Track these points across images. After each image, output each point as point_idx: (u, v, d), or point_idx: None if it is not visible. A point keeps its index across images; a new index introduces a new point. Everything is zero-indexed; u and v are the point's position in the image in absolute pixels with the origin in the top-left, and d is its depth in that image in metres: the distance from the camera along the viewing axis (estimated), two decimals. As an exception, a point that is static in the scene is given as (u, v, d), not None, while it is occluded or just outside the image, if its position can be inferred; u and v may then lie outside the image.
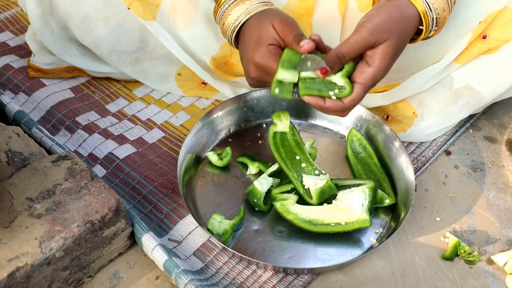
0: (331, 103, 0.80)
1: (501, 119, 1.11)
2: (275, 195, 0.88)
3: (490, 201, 0.96)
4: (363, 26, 0.78)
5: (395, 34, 0.79)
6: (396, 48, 0.79)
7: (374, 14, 0.80)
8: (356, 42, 0.78)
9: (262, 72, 0.84)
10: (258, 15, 0.85)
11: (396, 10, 0.80)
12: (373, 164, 0.97)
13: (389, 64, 0.80)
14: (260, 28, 0.84)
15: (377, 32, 0.78)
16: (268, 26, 0.83)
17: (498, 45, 0.94)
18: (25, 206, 0.77)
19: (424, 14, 0.81)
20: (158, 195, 0.93)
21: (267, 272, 0.85)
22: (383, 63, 0.79)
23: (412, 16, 0.81)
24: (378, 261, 0.87)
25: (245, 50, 0.85)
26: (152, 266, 0.85)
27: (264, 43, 0.82)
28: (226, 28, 0.88)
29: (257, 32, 0.83)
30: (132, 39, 1.01)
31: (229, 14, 0.87)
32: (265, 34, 0.83)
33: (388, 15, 0.79)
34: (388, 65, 0.80)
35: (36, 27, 1.03)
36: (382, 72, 0.80)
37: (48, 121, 1.04)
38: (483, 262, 0.88)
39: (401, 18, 0.80)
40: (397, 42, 0.79)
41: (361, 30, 0.78)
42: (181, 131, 1.06)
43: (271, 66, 0.81)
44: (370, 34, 0.78)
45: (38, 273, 0.74)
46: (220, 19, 0.89)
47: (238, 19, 0.86)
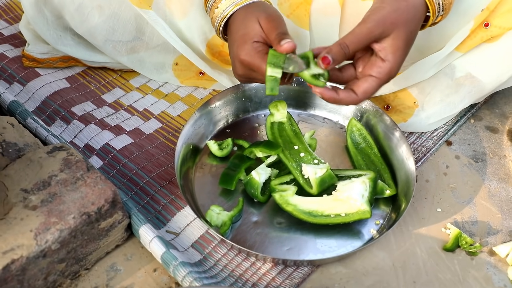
0: (344, 95, 0.79)
1: (502, 108, 1.10)
2: (274, 186, 0.87)
3: (492, 192, 0.96)
4: (368, 18, 0.77)
5: (402, 25, 0.77)
6: (406, 39, 0.78)
7: (379, 7, 0.78)
8: (360, 33, 0.76)
9: (248, 69, 0.82)
10: (245, 9, 0.83)
11: (401, 1, 0.78)
12: (373, 154, 0.95)
13: (403, 57, 0.79)
14: (246, 24, 0.82)
15: (382, 23, 0.76)
16: (254, 23, 0.81)
17: (501, 33, 0.93)
18: (20, 198, 0.76)
19: (430, 0, 0.80)
20: (156, 187, 0.92)
21: (266, 264, 0.84)
22: (396, 56, 0.77)
23: (417, 4, 0.79)
24: (379, 252, 0.86)
25: (232, 46, 0.84)
26: (150, 258, 0.84)
27: (249, 40, 0.81)
28: (214, 20, 0.87)
29: (243, 28, 0.82)
30: (128, 28, 1.00)
31: (217, 6, 0.85)
32: (251, 31, 0.81)
33: (394, 6, 0.77)
34: (402, 58, 0.79)
35: (30, 15, 1.01)
36: (398, 66, 0.78)
37: (43, 112, 1.03)
38: (484, 253, 0.87)
39: (407, 8, 0.78)
40: (406, 33, 0.77)
41: (366, 21, 0.77)
42: (178, 121, 1.05)
43: (257, 64, 0.80)
44: (375, 26, 0.76)
45: (34, 265, 0.73)
46: (210, 10, 0.87)
47: (225, 12, 0.84)
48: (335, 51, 0.76)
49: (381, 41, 0.77)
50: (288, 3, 0.97)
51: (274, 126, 0.93)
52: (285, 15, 0.97)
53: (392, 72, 0.78)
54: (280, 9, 0.98)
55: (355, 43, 0.76)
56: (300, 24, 0.98)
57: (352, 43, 0.76)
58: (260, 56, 0.80)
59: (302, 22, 0.97)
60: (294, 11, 0.97)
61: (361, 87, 0.79)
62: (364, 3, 0.93)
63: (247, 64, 0.81)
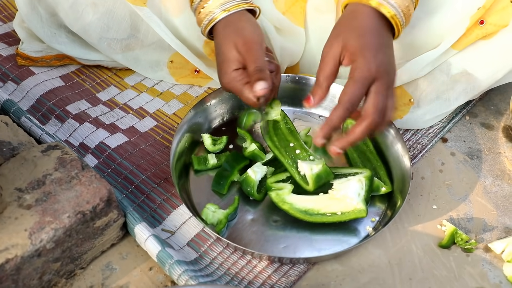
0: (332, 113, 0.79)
1: (497, 105, 1.10)
2: (270, 184, 0.86)
3: (487, 188, 0.96)
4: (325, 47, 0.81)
5: (345, 31, 0.80)
6: (358, 34, 0.79)
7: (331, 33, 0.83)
8: (323, 66, 0.80)
9: (230, 91, 0.87)
10: (229, 23, 0.84)
11: (342, 15, 0.82)
12: (369, 151, 0.95)
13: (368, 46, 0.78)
14: (223, 49, 0.84)
15: (331, 40, 0.80)
16: (231, 49, 0.84)
17: (495, 30, 0.93)
18: (14, 197, 0.76)
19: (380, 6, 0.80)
20: (151, 185, 0.92)
21: (262, 262, 0.84)
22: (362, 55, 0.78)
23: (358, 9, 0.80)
24: (375, 250, 0.86)
25: (217, 65, 0.86)
26: (145, 257, 0.83)
27: (229, 69, 0.84)
28: (200, 21, 0.87)
29: (221, 54, 0.85)
30: (123, 26, 0.99)
31: (202, 7, 0.86)
32: (228, 59, 0.84)
33: (336, 23, 0.82)
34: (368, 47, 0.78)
35: (24, 13, 1.01)
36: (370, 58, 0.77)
37: (37, 110, 1.02)
38: (480, 250, 0.87)
39: (344, 16, 0.81)
40: (354, 34, 0.79)
41: (324, 51, 0.81)
42: (173, 119, 1.04)
43: (237, 90, 0.84)
44: (333, 53, 0.79)
45: (29, 265, 0.72)
46: (196, 8, 0.87)
47: (213, 15, 0.85)
48: (314, 89, 0.80)
49: (343, 57, 0.79)
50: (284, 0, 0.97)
51: (269, 124, 0.93)
52: (281, 12, 0.97)
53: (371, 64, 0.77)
54: (276, 6, 0.97)
55: (322, 70, 0.79)
56: (295, 21, 0.97)
57: (320, 71, 0.79)
58: (240, 85, 0.84)
59: (298, 20, 0.97)
60: (289, 8, 0.97)
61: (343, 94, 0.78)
62: (359, 2, 0.93)
63: (229, 90, 0.86)
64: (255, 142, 0.95)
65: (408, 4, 0.80)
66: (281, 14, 0.97)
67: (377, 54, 0.78)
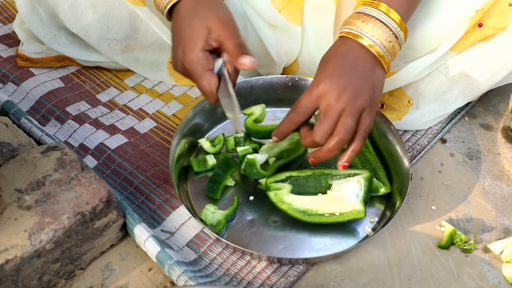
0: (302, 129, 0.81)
1: (496, 106, 1.10)
2: (269, 184, 0.87)
3: (486, 189, 0.96)
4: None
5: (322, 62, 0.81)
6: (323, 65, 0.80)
7: None
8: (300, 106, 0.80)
9: (187, 74, 0.81)
10: (194, 4, 0.80)
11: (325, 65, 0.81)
12: (368, 152, 0.96)
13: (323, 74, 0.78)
14: (192, 26, 0.79)
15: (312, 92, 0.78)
16: (201, 27, 0.78)
17: (494, 33, 0.93)
18: (14, 198, 0.76)
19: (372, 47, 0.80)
20: (151, 186, 0.92)
21: (261, 263, 0.84)
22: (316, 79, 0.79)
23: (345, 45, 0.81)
24: (374, 250, 0.86)
25: (176, 42, 0.81)
26: (145, 257, 0.84)
27: (195, 48, 0.78)
28: (158, 4, 0.84)
29: (189, 29, 0.79)
30: (122, 26, 0.99)
31: None
32: (196, 37, 0.78)
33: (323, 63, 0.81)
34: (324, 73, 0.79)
35: (24, 14, 1.01)
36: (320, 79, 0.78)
37: (37, 112, 1.03)
38: (479, 251, 0.87)
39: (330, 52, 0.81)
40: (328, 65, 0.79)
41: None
42: (173, 120, 1.05)
43: (198, 75, 0.79)
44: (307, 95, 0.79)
45: (28, 265, 0.72)
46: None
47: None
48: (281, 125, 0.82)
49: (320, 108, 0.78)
50: None
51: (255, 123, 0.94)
52: (277, 10, 0.97)
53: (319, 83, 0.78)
54: (273, 3, 0.97)
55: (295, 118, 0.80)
56: (291, 19, 0.97)
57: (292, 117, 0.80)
58: (202, 69, 0.78)
59: (294, 18, 0.97)
60: (286, 5, 0.97)
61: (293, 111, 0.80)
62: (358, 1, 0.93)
63: (188, 71, 0.80)
64: (252, 143, 0.95)
65: (392, 42, 0.81)
66: (277, 12, 0.97)
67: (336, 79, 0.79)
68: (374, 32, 0.79)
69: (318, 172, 0.90)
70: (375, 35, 0.79)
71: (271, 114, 1.04)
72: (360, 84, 0.78)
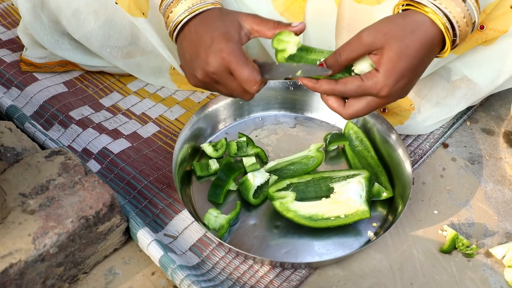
0: (323, 82, 0.77)
1: (498, 111, 1.11)
2: (272, 193, 0.86)
3: (488, 194, 0.96)
4: (363, 29, 0.77)
5: (396, 38, 0.75)
6: (401, 53, 0.75)
7: (378, 21, 0.78)
8: (352, 41, 0.76)
9: (219, 76, 0.78)
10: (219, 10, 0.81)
11: (400, 16, 0.77)
12: (370, 157, 0.96)
13: (395, 71, 0.75)
14: (226, 23, 0.78)
15: (374, 33, 0.75)
16: (234, 22, 0.79)
17: (496, 35, 0.93)
18: (18, 202, 0.76)
19: (435, 15, 0.76)
20: (154, 190, 0.92)
21: (264, 267, 0.84)
22: (387, 68, 0.75)
23: (419, 21, 0.76)
24: (376, 254, 0.87)
25: (204, 45, 0.78)
26: (148, 261, 0.84)
27: (232, 39, 0.77)
28: (169, 23, 0.83)
29: (223, 26, 0.78)
30: (123, 34, 1.00)
31: (171, 12, 0.82)
32: (233, 30, 0.78)
33: (391, 20, 0.77)
34: (394, 72, 0.75)
35: (27, 21, 1.01)
36: (387, 79, 0.75)
37: (41, 116, 1.03)
38: (481, 255, 0.87)
39: (403, 22, 0.76)
40: (400, 47, 0.75)
41: (360, 31, 0.77)
42: (176, 125, 1.05)
43: (241, 64, 0.76)
44: (366, 35, 0.75)
45: (32, 269, 0.73)
46: (165, 12, 0.84)
47: (180, 17, 0.81)
48: (330, 59, 0.77)
49: (376, 53, 0.76)
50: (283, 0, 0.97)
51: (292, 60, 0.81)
52: (279, 13, 0.97)
53: (379, 83, 0.76)
54: (274, 5, 0.98)
55: (347, 51, 0.76)
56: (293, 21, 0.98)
57: (344, 50, 0.76)
58: (245, 57, 0.76)
59: (296, 20, 0.97)
60: (288, 8, 0.97)
61: (343, 80, 0.77)
62: (360, 5, 0.94)
63: (226, 63, 0.76)
64: (255, 147, 0.95)
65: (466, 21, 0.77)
66: (280, 14, 0.98)
67: (400, 80, 0.77)
68: (447, 4, 0.75)
69: (317, 177, 0.90)
70: (449, 8, 0.75)
71: (273, 118, 1.04)
72: (415, 79, 0.78)
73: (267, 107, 1.04)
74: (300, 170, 0.94)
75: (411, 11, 0.77)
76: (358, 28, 0.79)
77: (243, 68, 0.76)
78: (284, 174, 0.93)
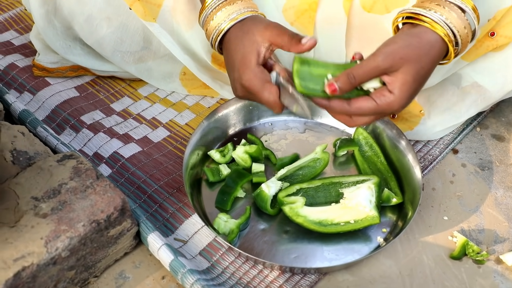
0: (336, 103, 0.78)
1: (508, 117, 1.10)
2: (282, 199, 0.87)
3: (498, 200, 0.96)
4: (379, 51, 0.76)
5: (412, 61, 0.75)
6: (416, 75, 0.76)
7: (392, 41, 0.77)
8: (368, 66, 0.76)
9: (248, 93, 0.82)
10: (241, 26, 0.82)
11: (414, 37, 0.77)
12: (380, 162, 0.96)
13: (410, 92, 0.76)
14: (244, 44, 0.80)
15: (391, 58, 0.75)
16: (252, 42, 0.80)
17: (506, 42, 0.93)
18: (30, 206, 0.77)
19: (447, 37, 0.76)
20: (164, 195, 0.93)
21: (273, 272, 0.84)
22: (402, 90, 0.76)
23: (433, 41, 0.77)
24: (386, 260, 0.87)
25: (231, 67, 0.83)
26: (158, 265, 0.84)
27: (250, 65, 0.80)
28: (209, 34, 0.85)
29: (241, 49, 0.81)
30: (136, 39, 1.01)
31: (212, 19, 0.84)
32: (250, 53, 0.80)
33: (406, 42, 0.76)
34: (409, 93, 0.76)
35: (40, 26, 1.03)
36: (402, 100, 0.76)
37: (53, 120, 1.04)
38: (491, 262, 0.87)
39: (419, 44, 0.76)
40: (416, 69, 0.76)
41: (376, 54, 0.76)
42: (186, 130, 1.06)
43: (257, 89, 0.79)
44: (383, 59, 0.75)
45: (44, 272, 0.73)
46: (204, 23, 0.86)
47: (220, 27, 0.83)
48: (342, 80, 0.76)
49: (390, 74, 0.76)
50: (293, 10, 0.98)
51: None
52: (289, 23, 0.98)
53: (394, 105, 0.76)
54: (285, 15, 0.98)
55: (362, 75, 0.76)
56: (304, 31, 0.98)
57: (359, 75, 0.76)
58: (261, 82, 0.79)
59: (307, 29, 0.98)
60: (298, 18, 0.98)
61: (357, 102, 0.78)
62: (369, 14, 0.94)
63: (248, 89, 0.81)
64: (265, 149, 0.96)
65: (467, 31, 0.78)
66: (290, 24, 0.98)
67: (410, 99, 0.78)
68: (448, 15, 0.76)
69: (327, 182, 0.90)
70: (450, 19, 0.76)
71: (283, 123, 1.05)
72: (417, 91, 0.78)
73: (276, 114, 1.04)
74: (308, 173, 0.94)
75: (423, 29, 0.77)
76: (367, 37, 0.79)
77: (260, 93, 0.79)
78: (294, 180, 0.93)
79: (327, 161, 0.95)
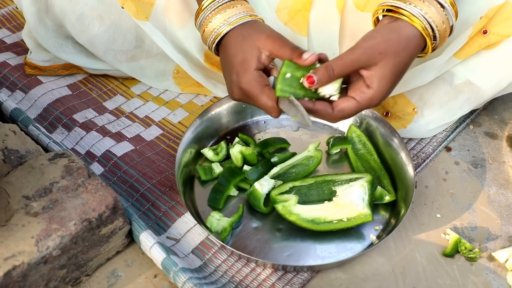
0: (320, 106, 0.79)
1: (501, 114, 1.10)
2: (274, 197, 0.86)
3: (491, 198, 0.96)
4: (358, 45, 0.77)
5: (391, 55, 0.77)
6: (394, 69, 0.77)
7: (371, 35, 0.78)
8: (347, 59, 0.77)
9: (245, 96, 0.82)
10: (241, 30, 0.82)
11: (393, 32, 0.78)
12: (373, 160, 0.96)
13: (388, 86, 0.78)
14: (244, 49, 0.81)
15: (370, 52, 0.76)
16: (252, 48, 0.80)
17: (499, 40, 0.93)
18: (21, 205, 0.77)
19: (425, 31, 0.78)
20: (156, 193, 0.93)
21: (266, 270, 0.84)
22: (381, 85, 0.77)
23: (411, 36, 0.78)
24: (378, 258, 0.87)
25: (229, 70, 0.83)
26: (150, 264, 0.84)
27: (249, 68, 0.80)
28: (206, 37, 0.85)
29: (241, 53, 0.81)
30: (128, 38, 1.00)
31: (210, 21, 0.83)
32: (250, 58, 0.80)
33: (385, 37, 0.78)
34: (388, 87, 0.78)
35: (31, 24, 1.02)
36: (381, 94, 0.78)
37: (45, 119, 1.04)
38: (484, 259, 0.87)
39: (398, 39, 0.77)
40: (394, 64, 0.77)
41: (355, 48, 0.77)
42: (179, 128, 1.05)
43: (255, 94, 0.80)
44: (362, 53, 0.76)
45: (35, 272, 0.73)
46: (200, 25, 0.85)
47: (218, 30, 0.83)
48: (320, 72, 0.77)
49: (368, 69, 0.77)
50: (287, 9, 0.98)
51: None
52: (283, 22, 0.98)
53: (374, 100, 0.78)
54: (278, 15, 0.98)
55: (341, 67, 0.77)
56: (298, 31, 0.98)
57: (338, 67, 0.76)
58: (260, 86, 0.80)
59: (300, 29, 0.98)
60: (292, 18, 0.98)
61: (339, 105, 0.79)
62: (362, 13, 0.94)
63: (246, 92, 0.81)
64: (256, 147, 0.95)
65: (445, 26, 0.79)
66: (283, 24, 0.98)
67: (389, 92, 0.80)
68: (427, 10, 0.77)
69: (320, 180, 0.90)
70: (429, 13, 0.77)
71: (276, 121, 1.05)
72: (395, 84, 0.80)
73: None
74: (302, 171, 0.94)
75: (402, 24, 0.78)
76: (361, 36, 0.79)
77: (258, 97, 0.80)
78: (287, 178, 0.93)
79: (320, 159, 0.95)
